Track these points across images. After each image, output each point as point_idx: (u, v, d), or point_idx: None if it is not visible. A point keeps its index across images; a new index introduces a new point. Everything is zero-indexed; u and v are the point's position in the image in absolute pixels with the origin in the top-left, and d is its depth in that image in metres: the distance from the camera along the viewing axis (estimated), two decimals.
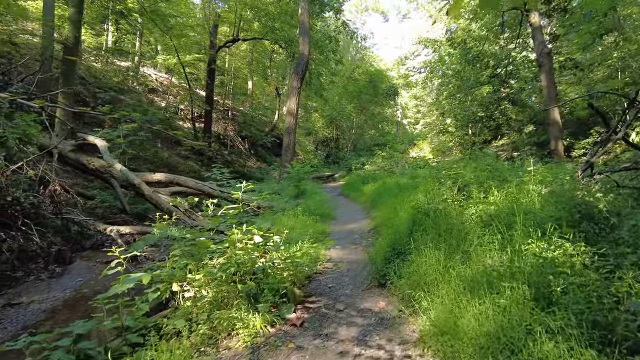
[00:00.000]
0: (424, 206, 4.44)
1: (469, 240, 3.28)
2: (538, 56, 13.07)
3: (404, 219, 4.83)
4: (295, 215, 6.89)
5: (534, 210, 3.80)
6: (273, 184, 14.39)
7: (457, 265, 3.00)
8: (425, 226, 3.86)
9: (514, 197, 4.50)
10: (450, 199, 4.97)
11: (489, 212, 4.04)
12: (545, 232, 3.06)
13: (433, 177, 6.24)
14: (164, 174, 10.84)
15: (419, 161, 17.04)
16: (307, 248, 4.81)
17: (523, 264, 2.61)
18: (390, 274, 3.66)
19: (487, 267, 2.73)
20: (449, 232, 3.52)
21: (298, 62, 17.25)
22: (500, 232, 3.26)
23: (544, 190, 5.24)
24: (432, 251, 3.29)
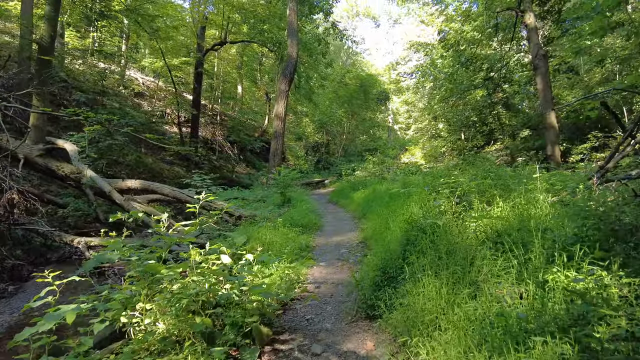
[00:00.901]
0: (419, 221, 3.79)
1: (477, 266, 2.65)
2: (533, 58, 12.62)
3: (396, 234, 4.19)
4: (275, 227, 6.20)
5: (550, 226, 3.19)
6: (259, 191, 13.68)
7: (463, 301, 2.35)
8: (422, 246, 3.22)
9: (522, 209, 3.89)
10: (449, 211, 4.35)
11: (495, 228, 3.42)
12: (572, 255, 2.44)
13: (428, 184, 5.61)
14: (138, 181, 10.10)
15: (411, 167, 16.48)
16: (283, 268, 4.14)
17: (552, 303, 1.97)
18: (380, 305, 3.00)
19: (505, 308, 2.09)
20: (451, 256, 2.88)
21: (286, 64, 16.65)
22: (515, 256, 2.63)
23: (551, 200, 4.65)
24: (431, 280, 2.65)
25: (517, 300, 2.14)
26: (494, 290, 2.33)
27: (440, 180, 5.08)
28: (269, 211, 9.66)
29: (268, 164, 18.37)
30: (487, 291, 2.34)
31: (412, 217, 4.05)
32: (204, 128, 25.31)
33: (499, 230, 3.36)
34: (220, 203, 9.45)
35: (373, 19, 51.10)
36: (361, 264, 4.89)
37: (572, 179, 5.00)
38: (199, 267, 3.55)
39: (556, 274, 2.28)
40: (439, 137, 19.84)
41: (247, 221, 8.56)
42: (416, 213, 4.28)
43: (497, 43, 14.84)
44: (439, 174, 6.16)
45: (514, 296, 2.20)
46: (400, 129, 46.82)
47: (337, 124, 29.36)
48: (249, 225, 7.13)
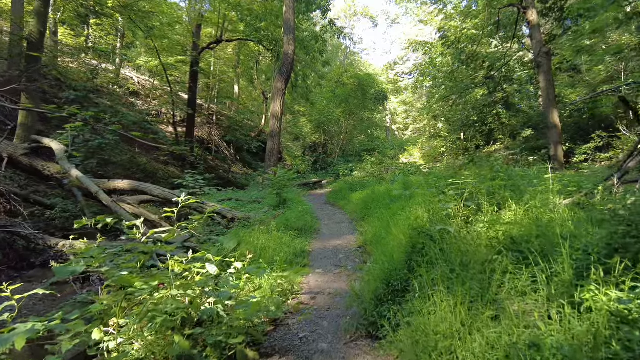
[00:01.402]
0: (426, 226, 3.42)
1: (497, 281, 2.28)
2: (536, 56, 12.28)
3: (399, 240, 3.82)
4: (268, 231, 5.81)
5: (573, 232, 2.83)
6: (254, 192, 13.29)
7: (484, 325, 1.98)
8: (431, 256, 2.85)
9: (538, 213, 3.53)
10: (456, 215, 3.99)
11: (510, 234, 3.06)
12: (610, 269, 2.08)
13: (431, 185, 5.25)
14: (127, 181, 9.69)
15: (410, 167, 16.12)
16: (276, 278, 3.77)
17: (598, 331, 1.61)
18: (383, 323, 2.63)
19: (537, 335, 1.73)
20: (466, 268, 2.51)
21: (282, 62, 16.28)
22: (542, 269, 2.26)
23: (564, 202, 4.30)
24: (443, 296, 2.28)
25: (552, 326, 1.78)
26: (520, 311, 1.97)
27: (447, 181, 4.71)
28: (264, 213, 9.28)
29: (264, 164, 18.00)
30: (512, 312, 1.98)
31: (418, 222, 3.68)
32: (200, 128, 24.97)
33: (514, 237, 3.01)
34: (212, 204, 9.07)
35: (371, 19, 50.75)
36: (360, 271, 4.53)
37: (588, 180, 4.65)
38: (180, 278, 3.18)
39: (594, 292, 1.92)
40: (438, 137, 19.47)
41: (240, 223, 8.18)
42: (422, 217, 3.92)
43: (497, 41, 14.51)
44: (443, 174, 5.79)
45: (544, 317, 1.83)
46: (398, 129, 46.49)
47: (334, 124, 28.95)
48: (241, 228, 6.74)
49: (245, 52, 27.17)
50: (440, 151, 20.73)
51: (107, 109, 15.18)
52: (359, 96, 27.59)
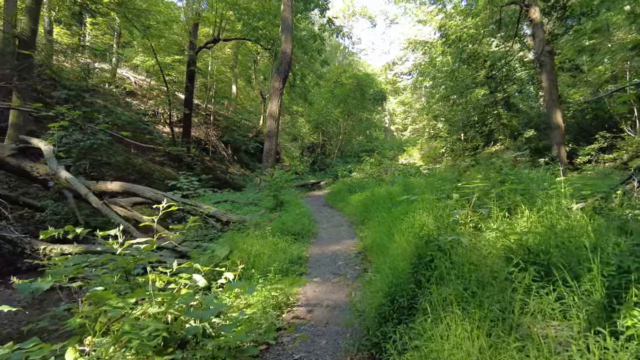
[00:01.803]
0: (433, 235, 3.13)
1: (519, 301, 1.99)
2: (539, 55, 12.03)
3: (402, 248, 3.53)
4: (263, 236, 5.50)
5: (595, 242, 2.54)
6: (250, 194, 12.99)
7: (509, 357, 1.69)
8: (442, 271, 2.55)
9: (554, 220, 3.25)
10: (464, 221, 3.70)
11: (526, 244, 2.78)
12: None
13: (435, 188, 4.97)
14: (119, 183, 9.39)
15: (410, 168, 15.84)
16: (270, 290, 3.47)
17: None
18: (388, 346, 2.33)
19: None
20: (481, 286, 2.22)
21: (280, 61, 15.98)
22: (572, 289, 1.97)
23: (576, 206, 4.02)
24: (458, 319, 1.99)
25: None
26: (550, 339, 1.68)
27: (453, 184, 4.43)
28: (261, 215, 8.98)
29: (262, 165, 17.71)
30: (541, 341, 1.69)
31: (425, 230, 3.39)
32: (197, 128, 24.70)
33: (530, 247, 2.72)
34: (206, 207, 8.78)
35: (369, 19, 50.52)
36: (361, 280, 4.23)
37: (603, 183, 4.37)
38: (163, 292, 2.88)
39: (637, 318, 1.63)
40: (439, 137, 19.18)
41: (235, 227, 7.88)
42: (429, 225, 3.62)
43: (498, 40, 14.25)
44: (447, 176, 5.50)
45: (585, 354, 1.54)
46: (397, 130, 46.25)
47: (333, 124, 28.68)
48: (236, 233, 6.44)
49: (243, 52, 26.89)
50: (440, 152, 20.45)
51: (100, 108, 14.86)
52: (358, 96, 27.32)
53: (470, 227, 3.67)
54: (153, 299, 2.59)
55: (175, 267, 3.11)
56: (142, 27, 18.19)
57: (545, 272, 2.33)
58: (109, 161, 14.80)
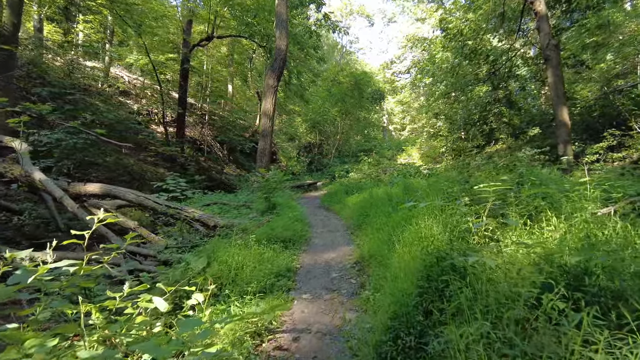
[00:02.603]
0: (444, 249, 2.54)
1: (577, 354, 1.41)
2: (544, 49, 11.47)
3: (407, 264, 2.96)
4: (245, 245, 4.89)
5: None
6: (242, 196, 12.40)
7: None
8: (461, 301, 1.97)
9: (589, 230, 2.68)
10: (478, 230, 3.13)
11: (559, 262, 2.21)
12: None
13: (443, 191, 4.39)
14: (99, 185, 8.79)
15: (409, 168, 15.28)
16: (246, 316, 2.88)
17: None
18: None
19: None
20: (516, 325, 1.63)
21: (274, 57, 15.40)
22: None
23: (603, 211, 3.45)
24: None
25: None
26: None
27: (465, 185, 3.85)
28: (251, 219, 8.39)
29: (256, 165, 17.14)
30: None
31: (435, 244, 2.80)
32: (192, 128, 24.20)
33: (567, 267, 2.15)
34: (191, 210, 8.17)
35: (367, 18, 50.04)
36: (357, 299, 3.65)
37: (634, 184, 3.79)
38: (109, 323, 2.30)
39: None
40: (440, 135, 18.60)
41: (222, 232, 7.29)
42: (439, 237, 3.04)
43: (500, 36, 13.71)
44: (454, 177, 4.92)
45: None
46: (395, 130, 45.76)
47: (330, 124, 28.11)
48: (220, 239, 5.85)
49: (239, 51, 26.35)
50: (440, 151, 19.89)
51: (86, 106, 14.23)
52: (356, 95, 26.78)
53: (485, 238, 3.10)
54: (86, 338, 2.00)
55: (127, 290, 2.52)
56: (135, 25, 17.64)
57: (593, 301, 1.76)
58: (96, 162, 14.20)
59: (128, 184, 14.99)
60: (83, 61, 21.08)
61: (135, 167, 16.86)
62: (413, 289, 2.43)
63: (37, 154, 10.86)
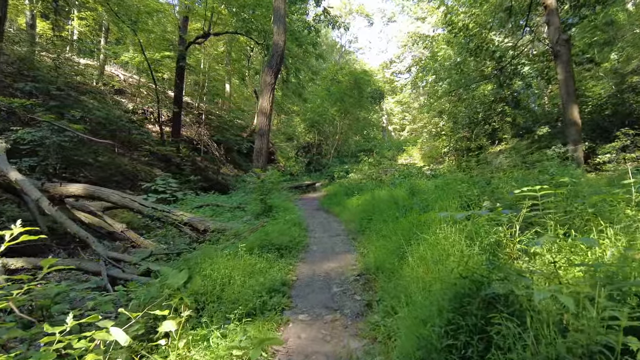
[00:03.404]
0: (481, 272, 1.95)
1: None
2: (554, 44, 10.95)
3: (428, 286, 2.40)
4: (234, 254, 4.31)
5: None
6: (237, 197, 11.82)
7: None
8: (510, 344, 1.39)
9: None
10: (507, 243, 2.58)
11: None
12: None
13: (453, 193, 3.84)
14: (82, 185, 8.23)
15: (412, 169, 14.72)
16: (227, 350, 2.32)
17: None
18: None
19: None
20: None
21: (272, 53, 14.82)
22: None
23: None
24: None
25: None
26: None
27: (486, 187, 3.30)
28: (245, 222, 7.83)
29: (253, 165, 16.57)
30: None
31: (470, 265, 2.22)
32: (188, 127, 23.70)
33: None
34: (180, 213, 7.60)
35: (367, 17, 49.61)
36: (364, 323, 3.09)
37: None
38: None
39: None
40: (443, 135, 18.03)
41: (213, 237, 6.72)
42: (469, 254, 2.48)
43: (507, 30, 13.18)
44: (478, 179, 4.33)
45: None
46: (395, 130, 45.29)
47: (329, 124, 27.56)
48: (210, 246, 5.29)
49: (236, 49, 25.80)
50: (442, 151, 19.34)
51: (74, 103, 13.61)
52: (355, 94, 26.25)
53: (516, 253, 2.55)
54: None
55: (71, 322, 1.95)
56: (130, 22, 17.10)
57: None
58: (86, 161, 13.59)
59: (121, 184, 14.43)
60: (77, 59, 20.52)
61: (129, 167, 16.32)
62: (439, 322, 1.88)
63: (20, 153, 10.28)
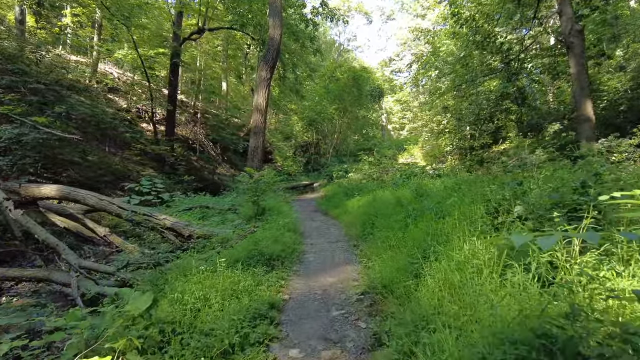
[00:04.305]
0: (574, 334, 1.26)
1: None
2: (566, 35, 10.27)
3: (459, 324, 1.72)
4: (213, 270, 3.59)
5: None
6: (229, 198, 11.10)
7: None
8: None
9: None
10: (563, 265, 1.90)
11: None
12: None
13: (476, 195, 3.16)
14: (56, 187, 7.52)
15: (414, 168, 14.02)
16: None
17: None
18: None
19: None
20: None
21: (267, 47, 14.12)
22: None
23: None
24: None
25: None
26: None
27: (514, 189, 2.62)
28: (235, 227, 7.12)
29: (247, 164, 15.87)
30: None
31: (542, 316, 1.52)
32: (184, 126, 23.00)
33: None
34: (162, 217, 6.89)
35: (365, 15, 49.01)
36: (370, 357, 2.39)
37: None
38: None
39: None
40: (448, 132, 17.31)
41: (199, 243, 6.02)
42: (529, 294, 1.78)
43: (515, 23, 12.51)
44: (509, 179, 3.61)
45: None
46: (394, 129, 44.70)
47: (328, 122, 26.87)
48: (190, 257, 4.59)
49: (233, 47, 25.12)
50: (445, 150, 18.64)
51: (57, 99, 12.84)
52: (354, 92, 25.58)
53: (576, 275, 1.87)
54: None
55: None
56: (123, 17, 16.39)
57: None
58: (73, 160, 12.86)
59: (111, 185, 13.72)
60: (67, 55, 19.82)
61: (120, 167, 15.64)
62: None
63: None
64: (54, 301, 5.81)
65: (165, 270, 4.14)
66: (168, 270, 3.86)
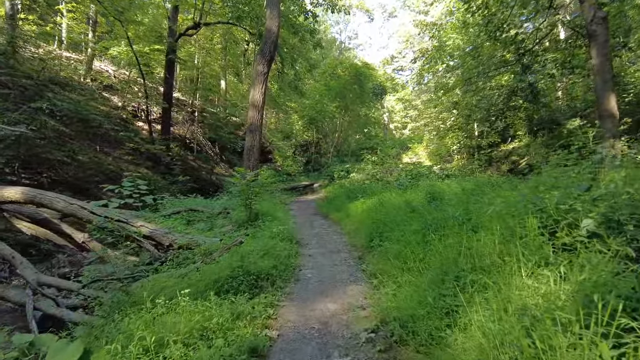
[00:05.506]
0: None
1: None
2: (588, 23, 9.39)
3: None
4: (175, 304, 2.77)
5: None
6: (221, 200, 10.26)
7: None
8: None
9: None
10: None
11: None
12: None
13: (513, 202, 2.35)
14: (20, 189, 6.71)
15: (421, 168, 13.18)
16: None
17: None
18: None
19: None
20: None
21: (264, 40, 13.30)
22: None
23: None
24: None
25: None
26: None
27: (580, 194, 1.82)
28: (225, 234, 6.31)
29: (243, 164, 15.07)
30: None
31: None
32: (181, 125, 22.25)
33: None
34: (140, 224, 6.05)
35: (367, 13, 48.11)
36: None
37: None
38: None
39: None
40: (457, 129, 16.44)
41: (180, 255, 5.20)
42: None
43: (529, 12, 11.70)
44: (557, 182, 2.77)
45: None
46: (396, 128, 43.91)
47: (328, 121, 26.06)
48: (170, 270, 3.76)
49: (231, 45, 24.35)
50: (451, 149, 17.80)
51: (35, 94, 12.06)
52: (356, 90, 24.75)
53: None
54: None
55: None
56: (117, 12, 15.66)
57: None
58: (61, 159, 12.10)
59: (102, 184, 13.03)
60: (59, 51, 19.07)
61: (113, 167, 14.86)
62: None
63: None
64: (15, 321, 5.00)
65: (132, 290, 3.33)
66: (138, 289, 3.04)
